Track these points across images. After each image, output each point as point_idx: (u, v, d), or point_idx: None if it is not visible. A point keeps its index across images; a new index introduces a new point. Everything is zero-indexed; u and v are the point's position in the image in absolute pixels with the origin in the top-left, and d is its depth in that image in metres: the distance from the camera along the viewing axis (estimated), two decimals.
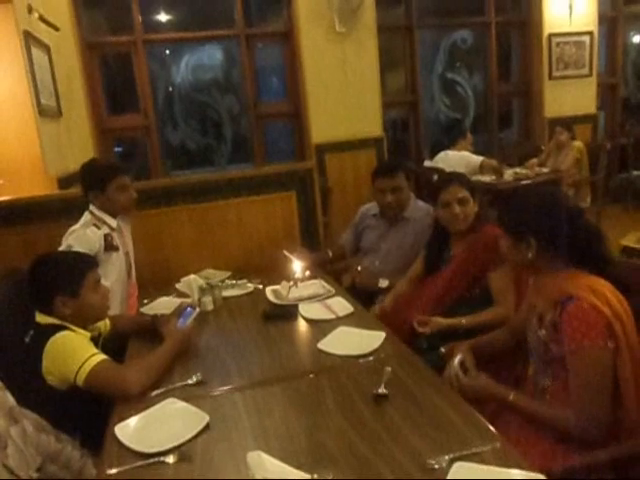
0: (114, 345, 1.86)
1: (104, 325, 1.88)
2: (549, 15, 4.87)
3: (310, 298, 2.13)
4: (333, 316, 1.96)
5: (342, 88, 4.34)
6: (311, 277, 2.30)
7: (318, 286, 2.24)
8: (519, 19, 5.07)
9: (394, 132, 5.23)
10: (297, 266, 2.24)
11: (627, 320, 1.33)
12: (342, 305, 2.05)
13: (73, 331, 1.61)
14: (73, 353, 1.54)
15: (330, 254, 2.73)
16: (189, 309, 1.89)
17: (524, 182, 4.24)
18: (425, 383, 1.43)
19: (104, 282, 1.84)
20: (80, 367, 1.50)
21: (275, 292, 2.24)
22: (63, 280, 1.63)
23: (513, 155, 4.88)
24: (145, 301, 2.33)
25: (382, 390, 1.38)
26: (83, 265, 1.70)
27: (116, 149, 4.94)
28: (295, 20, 4.30)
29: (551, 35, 4.88)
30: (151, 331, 1.89)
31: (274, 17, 4.69)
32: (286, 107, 4.63)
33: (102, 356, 1.55)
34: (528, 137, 5.22)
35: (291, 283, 2.19)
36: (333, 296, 2.14)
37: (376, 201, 2.60)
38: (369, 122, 4.46)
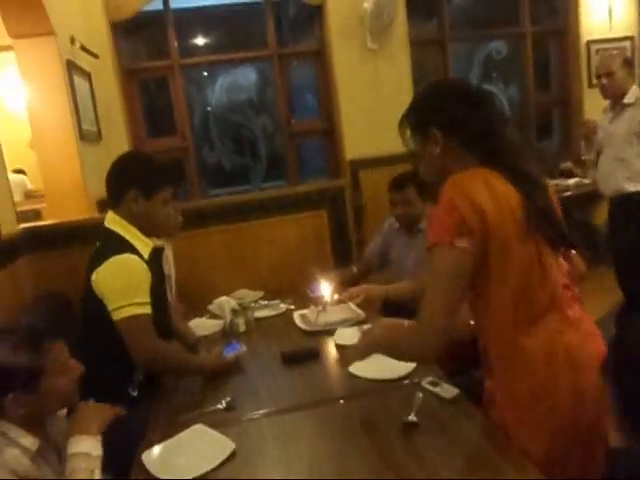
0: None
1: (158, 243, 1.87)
2: (587, 22, 4.74)
3: (339, 323, 2.07)
4: None
5: (375, 104, 4.33)
6: (340, 301, 2.21)
7: (348, 310, 2.17)
8: (556, 27, 4.95)
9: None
10: (325, 290, 2.19)
11: (495, 214, 1.15)
12: None
13: (136, 249, 1.65)
14: (127, 286, 1.60)
15: (355, 270, 2.70)
16: (236, 345, 1.89)
17: (565, 194, 4.13)
18: (457, 410, 1.38)
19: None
20: (123, 307, 1.57)
21: (303, 317, 2.19)
22: (143, 177, 1.71)
23: (553, 166, 4.75)
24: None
25: (412, 418, 1.33)
26: (166, 176, 1.74)
27: None
28: (327, 38, 4.33)
29: (589, 42, 4.75)
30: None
31: (306, 36, 4.74)
32: (319, 124, 4.65)
33: (145, 309, 1.61)
34: (568, 147, 5.07)
35: (320, 308, 2.14)
36: (365, 321, 2.06)
37: (390, 213, 2.62)
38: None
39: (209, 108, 4.65)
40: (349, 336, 1.94)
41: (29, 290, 2.48)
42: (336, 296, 2.19)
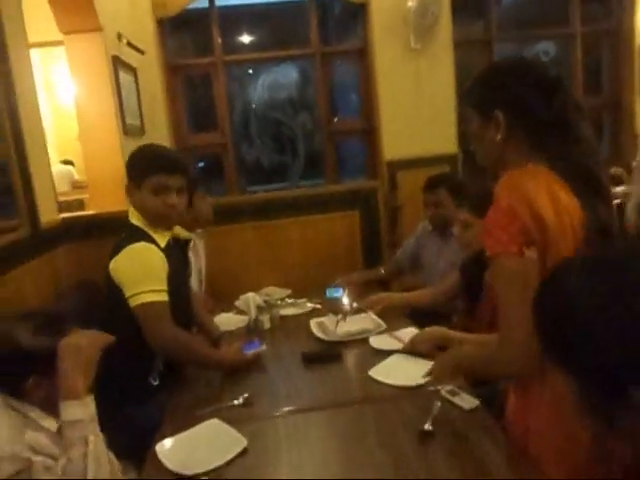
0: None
1: (184, 234, 1.94)
2: None
3: (359, 334, 1.97)
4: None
5: (416, 104, 4.26)
6: (360, 310, 2.14)
7: (368, 320, 2.07)
8: (608, 28, 4.75)
9: (469, 148, 5.08)
10: (346, 299, 2.11)
11: (557, 227, 1.07)
12: (412, 334, 1.89)
13: (153, 239, 1.70)
14: (143, 273, 1.65)
15: (382, 271, 2.67)
16: (257, 343, 1.89)
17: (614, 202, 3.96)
18: (475, 422, 1.34)
19: None
20: (140, 293, 1.61)
21: (321, 326, 2.08)
22: (131, 167, 1.78)
23: None
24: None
25: (428, 427, 1.31)
26: (152, 164, 1.74)
27: (199, 164, 5.17)
28: (370, 37, 4.29)
29: None
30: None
31: (350, 35, 4.72)
32: (359, 124, 4.62)
33: (162, 297, 1.64)
34: (618, 153, 4.87)
35: (339, 317, 2.03)
36: (383, 331, 2.00)
37: (424, 214, 2.60)
38: (443, 138, 4.34)
39: (249, 105, 4.68)
40: (385, 342, 1.91)
41: (65, 278, 2.56)
42: (355, 305, 2.12)
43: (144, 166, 1.75)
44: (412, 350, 1.76)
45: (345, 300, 2.11)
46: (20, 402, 1.16)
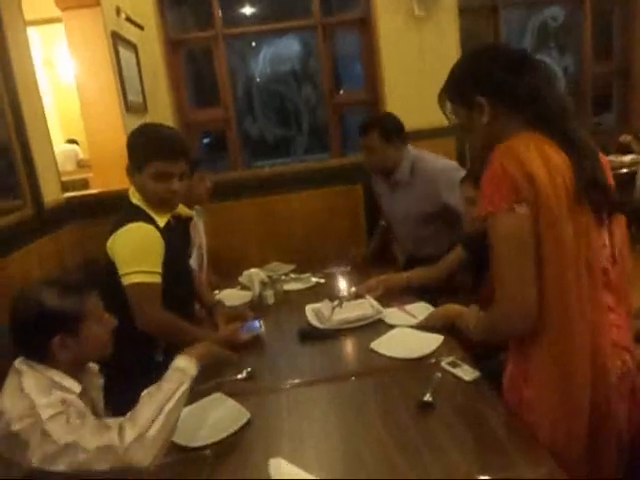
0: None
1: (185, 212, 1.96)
2: None
3: (357, 321, 1.86)
4: (415, 321, 1.84)
5: (421, 74, 4.19)
6: (358, 296, 2.04)
7: (366, 306, 1.94)
8: None
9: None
10: (342, 283, 2.05)
11: (549, 187, 1.09)
12: (423, 309, 1.92)
13: (152, 218, 1.71)
14: (137, 253, 1.66)
15: (384, 222, 2.68)
16: (256, 324, 1.89)
17: (621, 171, 3.90)
18: (475, 394, 1.35)
19: None
20: (131, 273, 1.63)
21: (317, 312, 1.97)
22: (133, 150, 1.75)
23: (610, 141, 4.48)
24: (216, 292, 2.40)
25: (428, 398, 1.32)
26: (154, 150, 1.71)
27: (205, 140, 5.14)
28: (373, 6, 4.20)
29: None
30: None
31: (351, 4, 4.61)
32: (364, 95, 4.55)
33: (153, 278, 1.66)
34: (628, 121, 4.77)
35: (335, 303, 1.93)
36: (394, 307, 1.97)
37: None
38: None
39: (252, 79, 4.62)
40: (398, 316, 1.90)
41: (71, 257, 2.59)
42: (353, 289, 2.06)
43: (145, 151, 1.71)
44: (427, 325, 1.77)
45: (341, 285, 2.03)
46: (45, 367, 1.22)
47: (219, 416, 1.35)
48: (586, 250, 1.13)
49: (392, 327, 1.81)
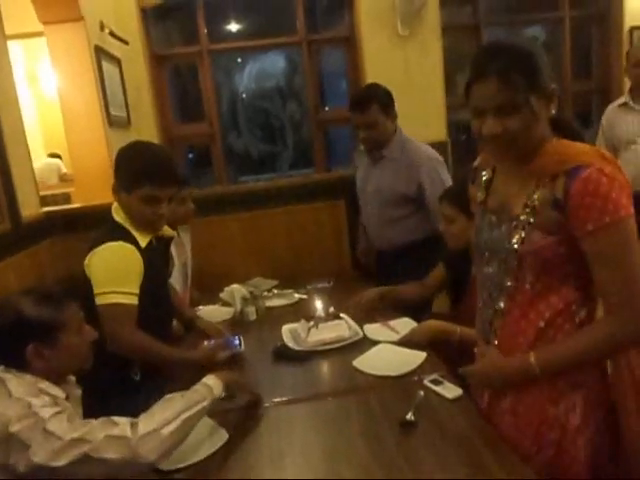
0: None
1: (168, 232, 1.90)
2: (631, 7, 4.49)
3: (333, 342, 1.81)
4: (397, 336, 1.82)
5: (405, 92, 4.19)
6: (335, 316, 1.96)
7: (343, 327, 1.88)
8: (597, 12, 4.72)
9: (459, 135, 5.04)
10: (319, 303, 1.99)
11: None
12: (406, 324, 1.91)
13: (133, 238, 1.67)
14: (114, 273, 1.62)
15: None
16: (236, 341, 1.86)
17: None
18: (457, 411, 1.33)
19: None
20: (107, 293, 1.60)
21: (293, 333, 1.92)
22: (124, 170, 1.70)
23: None
24: (198, 308, 2.36)
25: (410, 417, 1.30)
26: (146, 175, 1.67)
27: (189, 155, 5.12)
28: (357, 24, 4.24)
29: (633, 28, 4.50)
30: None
31: (336, 22, 4.66)
32: (348, 113, 4.58)
33: (130, 300, 1.61)
34: None
35: (311, 324, 1.86)
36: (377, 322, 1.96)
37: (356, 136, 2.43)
38: (433, 126, 4.31)
39: (237, 95, 4.63)
40: (380, 331, 1.89)
41: (52, 271, 2.54)
42: (331, 309, 1.99)
43: (137, 174, 1.67)
44: (410, 341, 1.75)
45: (318, 305, 1.97)
46: (27, 374, 1.21)
47: (196, 437, 1.31)
48: None
49: (375, 343, 1.79)
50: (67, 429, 1.09)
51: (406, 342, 1.76)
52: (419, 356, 1.65)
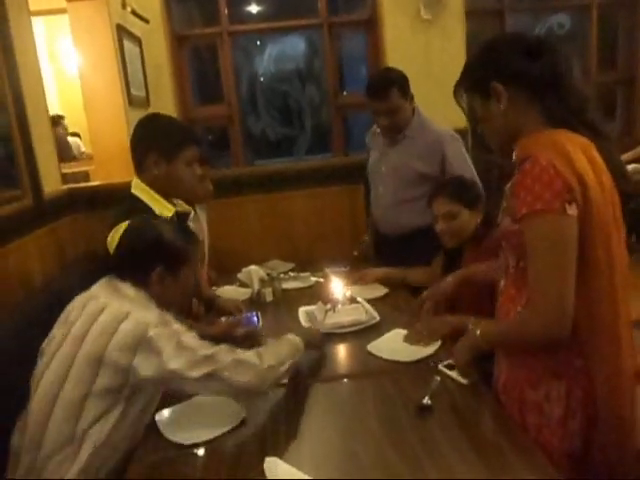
0: None
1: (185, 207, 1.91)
2: None
3: (350, 326, 1.80)
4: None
5: (426, 77, 4.17)
6: (352, 300, 1.93)
7: (360, 311, 1.87)
8: None
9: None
10: (337, 286, 1.94)
11: (597, 188, 1.08)
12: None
13: (155, 214, 1.67)
14: None
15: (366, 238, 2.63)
16: (254, 318, 1.89)
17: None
18: (472, 396, 1.33)
19: None
20: None
21: (310, 315, 1.93)
22: (162, 139, 1.70)
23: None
24: (214, 288, 2.38)
25: (426, 401, 1.30)
26: (186, 136, 1.73)
27: (208, 137, 5.12)
28: (379, 7, 4.19)
29: None
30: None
31: (358, 5, 4.61)
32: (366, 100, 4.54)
33: None
34: (631, 131, 4.77)
35: (328, 307, 1.85)
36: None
37: (375, 122, 2.38)
38: (453, 112, 4.25)
39: (256, 77, 4.61)
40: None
41: (72, 248, 2.57)
42: (349, 293, 1.95)
43: (180, 138, 1.71)
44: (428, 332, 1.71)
45: (336, 288, 1.94)
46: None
47: (214, 414, 1.33)
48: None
49: (391, 329, 1.79)
50: (199, 345, 1.18)
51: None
52: (435, 342, 1.65)
